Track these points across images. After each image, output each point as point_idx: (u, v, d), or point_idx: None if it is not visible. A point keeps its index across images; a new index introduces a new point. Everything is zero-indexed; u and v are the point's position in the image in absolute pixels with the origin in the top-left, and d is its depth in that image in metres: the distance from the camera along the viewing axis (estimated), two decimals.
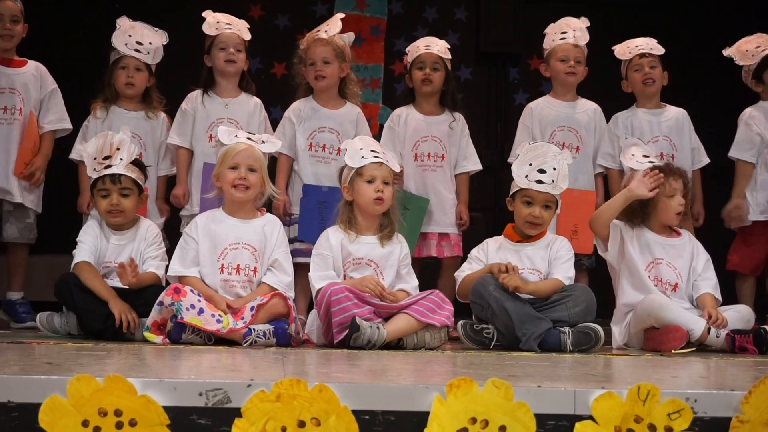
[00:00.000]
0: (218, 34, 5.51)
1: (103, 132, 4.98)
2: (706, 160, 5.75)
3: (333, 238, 4.66)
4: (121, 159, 4.74)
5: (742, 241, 5.68)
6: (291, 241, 5.36)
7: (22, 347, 3.99)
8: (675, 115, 5.75)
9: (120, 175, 4.73)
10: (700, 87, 6.78)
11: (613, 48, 5.80)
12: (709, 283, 4.90)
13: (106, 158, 4.75)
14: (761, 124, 5.61)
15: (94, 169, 4.76)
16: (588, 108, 5.77)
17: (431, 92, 5.61)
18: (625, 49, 5.76)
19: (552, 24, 5.78)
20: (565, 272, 4.74)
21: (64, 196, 5.59)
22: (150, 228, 4.87)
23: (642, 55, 5.69)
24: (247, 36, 5.58)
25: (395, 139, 5.61)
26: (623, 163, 5.18)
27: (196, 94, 5.58)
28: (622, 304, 4.90)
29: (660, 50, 5.71)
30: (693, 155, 5.70)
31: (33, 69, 5.54)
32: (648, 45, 5.72)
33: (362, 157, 4.68)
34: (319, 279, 4.55)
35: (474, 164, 5.71)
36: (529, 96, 7.61)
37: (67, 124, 5.53)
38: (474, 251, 4.91)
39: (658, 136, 5.62)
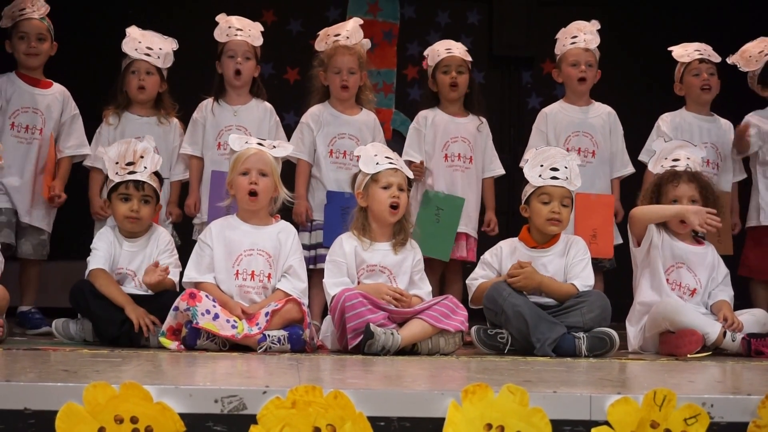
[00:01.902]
0: (228, 41, 5.52)
1: (127, 138, 4.98)
2: (745, 175, 5.76)
3: (347, 244, 4.66)
4: (145, 167, 4.75)
5: (753, 246, 5.65)
6: (315, 246, 5.39)
7: (38, 354, 4.00)
8: (724, 125, 5.75)
9: (143, 182, 4.75)
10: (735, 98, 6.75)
11: (669, 48, 5.77)
12: (726, 294, 4.90)
13: (129, 164, 4.75)
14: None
15: (116, 173, 4.76)
16: (602, 112, 5.75)
17: (458, 97, 5.64)
18: (683, 52, 5.73)
19: (563, 29, 5.78)
20: (583, 280, 4.73)
21: (78, 203, 5.60)
22: (163, 235, 4.87)
23: (701, 60, 5.68)
24: (258, 42, 5.57)
25: (421, 140, 5.64)
26: (650, 165, 5.17)
27: (206, 103, 5.59)
28: (639, 302, 4.90)
29: (717, 58, 5.71)
30: (734, 167, 5.70)
31: (57, 92, 5.52)
32: (706, 51, 5.71)
33: (377, 163, 4.68)
34: (333, 285, 4.55)
35: (499, 168, 5.76)
36: (542, 100, 7.60)
37: (87, 150, 5.52)
38: (487, 255, 4.89)
39: (707, 143, 5.60)
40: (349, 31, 5.60)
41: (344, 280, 4.58)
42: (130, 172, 4.74)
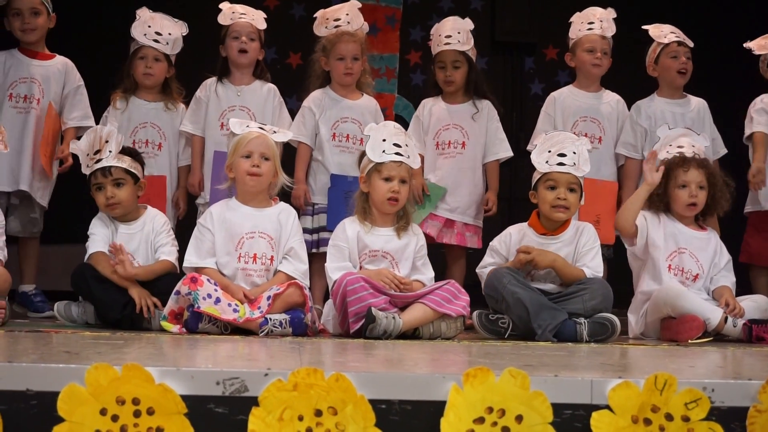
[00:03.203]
0: (232, 23, 5.52)
1: (93, 128, 4.98)
2: (724, 151, 5.70)
3: (350, 229, 4.66)
4: (110, 151, 4.75)
5: (754, 233, 5.64)
6: (317, 230, 5.39)
7: (40, 336, 4.01)
8: (697, 105, 5.71)
9: (110, 167, 4.75)
10: (713, 77, 6.75)
11: (645, 27, 5.72)
12: (727, 280, 4.90)
13: (96, 152, 4.76)
14: None
15: (87, 165, 4.78)
16: (611, 99, 5.73)
17: (454, 90, 5.62)
18: (660, 33, 5.68)
19: (578, 13, 5.73)
20: (593, 269, 4.73)
21: (79, 186, 5.59)
22: (157, 216, 4.88)
23: (680, 43, 5.64)
24: (262, 25, 5.57)
25: (420, 129, 5.63)
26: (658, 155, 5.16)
27: (210, 82, 5.59)
28: (640, 292, 4.90)
29: (691, 43, 5.67)
30: (712, 145, 5.67)
31: (59, 64, 5.52)
32: (681, 34, 5.66)
33: (383, 151, 4.65)
34: (335, 270, 4.56)
35: (505, 151, 5.68)
36: (544, 86, 7.60)
37: (91, 122, 5.52)
38: (495, 242, 4.89)
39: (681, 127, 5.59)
40: (350, 16, 5.58)
41: (346, 264, 4.58)
42: (97, 161, 4.75)
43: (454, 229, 5.60)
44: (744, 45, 5.67)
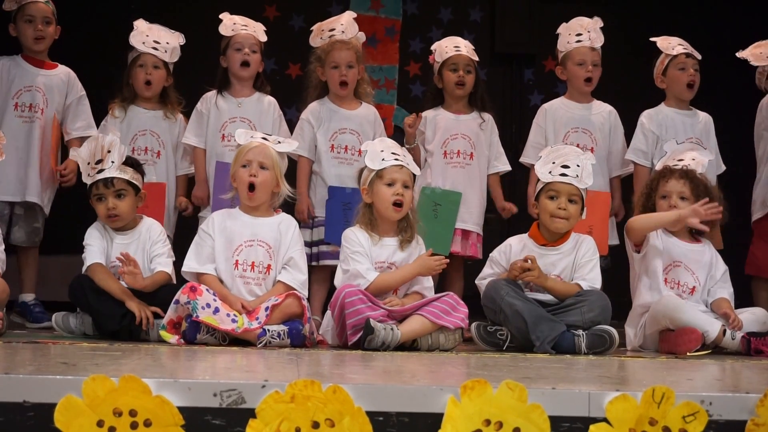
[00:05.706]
0: (234, 35, 5.53)
1: (94, 136, 4.98)
2: (723, 167, 5.69)
3: (360, 235, 4.65)
4: (113, 162, 4.75)
5: (760, 242, 5.63)
6: (317, 243, 5.38)
7: (37, 347, 4.01)
8: (704, 118, 5.69)
9: (113, 178, 4.75)
10: (713, 90, 6.76)
11: (652, 39, 5.70)
12: (725, 291, 4.89)
13: (98, 162, 4.76)
14: None
15: (89, 175, 4.78)
16: (603, 110, 5.73)
17: (463, 95, 5.62)
18: (668, 45, 5.66)
19: (564, 24, 5.72)
20: (590, 282, 4.72)
21: (78, 196, 5.59)
22: (153, 226, 4.88)
23: (688, 55, 5.61)
24: (263, 38, 5.59)
25: (422, 141, 5.62)
26: (658, 165, 5.15)
27: (210, 95, 5.60)
28: (639, 305, 4.89)
29: (699, 55, 5.64)
30: (716, 161, 5.66)
31: (62, 73, 5.55)
32: (689, 47, 5.64)
33: (383, 159, 4.67)
34: (367, 271, 4.55)
35: (503, 164, 5.71)
36: (544, 97, 7.59)
37: (94, 131, 5.53)
38: (495, 253, 4.88)
39: (691, 138, 5.54)
40: (344, 25, 5.59)
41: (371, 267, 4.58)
42: (99, 171, 4.75)
43: (469, 240, 5.60)
44: (737, 54, 5.66)
